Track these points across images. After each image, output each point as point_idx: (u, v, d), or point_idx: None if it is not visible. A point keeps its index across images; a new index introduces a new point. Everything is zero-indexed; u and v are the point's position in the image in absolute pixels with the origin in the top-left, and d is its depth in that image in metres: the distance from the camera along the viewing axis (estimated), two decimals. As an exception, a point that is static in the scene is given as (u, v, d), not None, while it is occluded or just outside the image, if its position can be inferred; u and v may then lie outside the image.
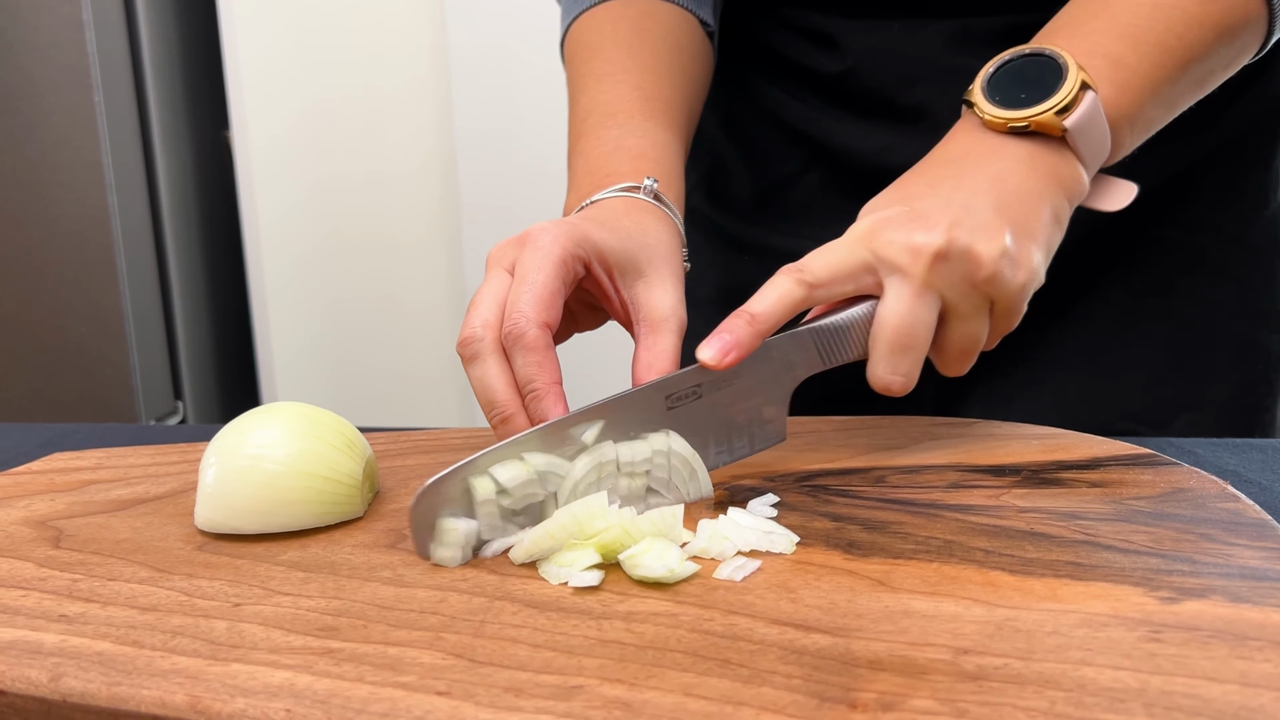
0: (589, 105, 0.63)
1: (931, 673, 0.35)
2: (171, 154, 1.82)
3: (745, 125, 0.76)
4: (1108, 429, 0.69)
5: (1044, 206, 0.51)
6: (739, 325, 0.49)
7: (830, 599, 0.40)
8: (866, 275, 0.50)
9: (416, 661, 0.37)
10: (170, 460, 0.60)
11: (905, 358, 0.49)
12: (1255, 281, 0.70)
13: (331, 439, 0.50)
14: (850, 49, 0.70)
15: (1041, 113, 0.51)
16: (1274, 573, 0.41)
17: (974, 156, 0.52)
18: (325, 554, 0.47)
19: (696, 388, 0.50)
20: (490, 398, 0.49)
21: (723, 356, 0.48)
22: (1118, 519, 0.47)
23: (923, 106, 0.69)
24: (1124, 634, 0.37)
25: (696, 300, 0.81)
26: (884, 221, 0.50)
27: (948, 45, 0.68)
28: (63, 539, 0.49)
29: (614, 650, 0.37)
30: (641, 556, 0.42)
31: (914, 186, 0.52)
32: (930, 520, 0.47)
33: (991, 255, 0.48)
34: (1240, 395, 0.71)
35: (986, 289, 0.49)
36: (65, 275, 1.69)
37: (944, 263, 0.48)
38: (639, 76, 0.63)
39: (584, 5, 0.69)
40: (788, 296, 0.49)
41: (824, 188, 0.74)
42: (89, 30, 1.60)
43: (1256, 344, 0.71)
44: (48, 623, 0.41)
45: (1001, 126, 0.52)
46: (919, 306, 0.49)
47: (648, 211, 0.56)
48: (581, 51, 0.67)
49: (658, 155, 0.60)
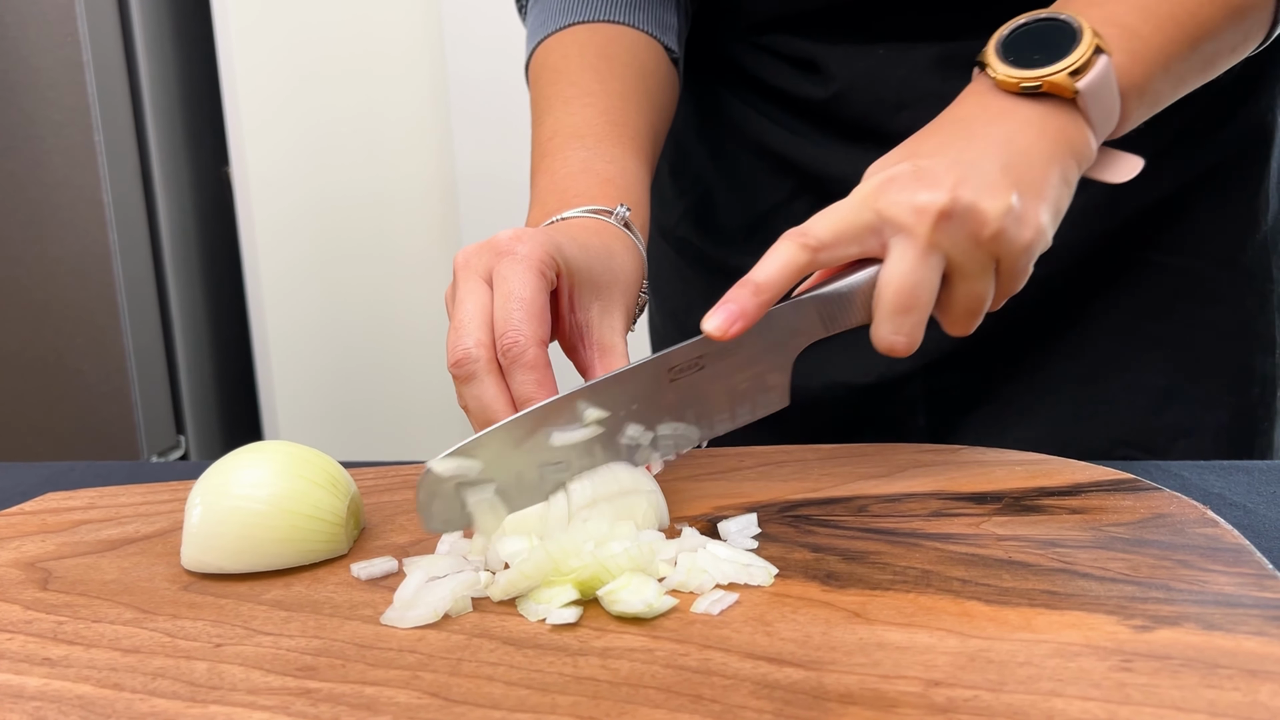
0: (554, 126, 0.63)
1: (901, 705, 0.35)
2: (172, 191, 1.84)
3: (731, 153, 0.77)
4: (1106, 455, 0.68)
5: (1053, 167, 0.51)
6: (743, 295, 0.48)
7: (806, 632, 0.41)
8: (871, 237, 0.49)
9: (392, 701, 0.37)
10: (161, 499, 0.61)
11: (908, 318, 0.49)
12: (1249, 304, 0.70)
13: (315, 477, 0.50)
14: (836, 75, 0.70)
15: (1054, 73, 0.51)
16: (1248, 599, 0.41)
17: (984, 117, 0.53)
18: (308, 592, 0.47)
19: (699, 359, 0.49)
20: (490, 418, 0.48)
21: (728, 327, 0.47)
22: (1096, 546, 0.47)
23: (910, 131, 0.69)
24: (1095, 664, 0.37)
25: (686, 329, 0.81)
26: (888, 181, 0.50)
27: (934, 69, 0.68)
28: (51, 580, 0.50)
29: (588, 687, 0.37)
30: (620, 592, 0.43)
31: (922, 146, 0.52)
32: (909, 550, 0.48)
33: (997, 213, 0.48)
34: (1237, 419, 0.71)
35: (992, 247, 0.49)
36: (68, 313, 1.71)
37: (948, 221, 0.48)
38: (606, 101, 0.63)
39: (550, 29, 0.69)
40: (791, 263, 0.48)
41: (811, 214, 0.74)
42: (89, 71, 1.62)
43: (1252, 368, 0.71)
44: (31, 666, 0.41)
45: (1014, 86, 0.52)
46: (922, 266, 0.48)
47: (617, 238, 0.56)
48: (547, 74, 0.67)
49: (626, 182, 0.60)
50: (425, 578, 0.46)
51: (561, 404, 0.47)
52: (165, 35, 1.83)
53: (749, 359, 0.50)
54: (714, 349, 0.49)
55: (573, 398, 0.47)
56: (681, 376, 0.49)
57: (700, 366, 0.49)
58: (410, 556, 0.50)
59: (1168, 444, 0.70)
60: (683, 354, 0.49)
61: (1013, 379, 0.72)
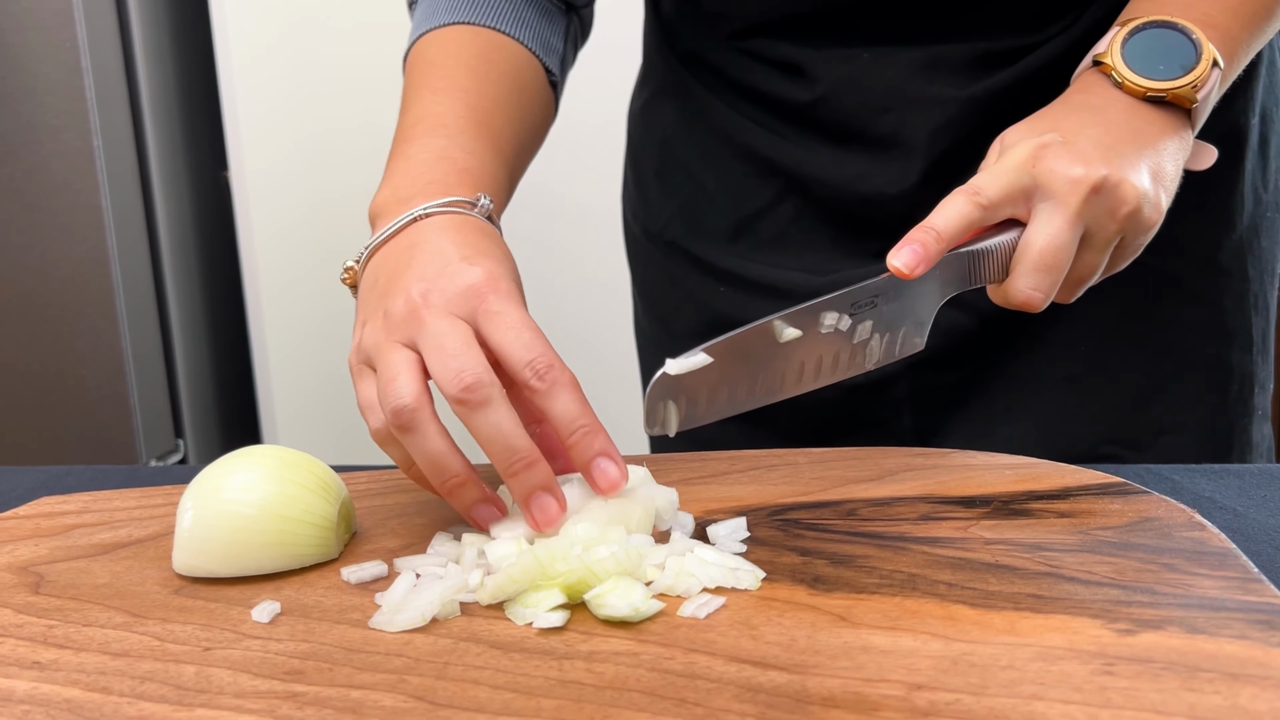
0: (419, 114, 0.63)
1: (884, 709, 0.35)
2: (170, 196, 1.84)
3: (718, 156, 0.77)
4: (1092, 454, 0.69)
5: (1174, 161, 0.56)
6: (928, 239, 0.51)
7: (791, 635, 0.41)
8: (1023, 201, 0.53)
9: (378, 705, 0.37)
10: (155, 503, 0.61)
11: (1048, 276, 0.52)
12: (1226, 303, 0.72)
13: (306, 481, 0.51)
14: (821, 78, 0.71)
15: (1180, 87, 0.56)
16: (1232, 602, 0.41)
17: (1117, 109, 0.56)
18: (298, 596, 0.47)
19: (875, 298, 0.53)
20: (511, 444, 0.47)
21: (915, 264, 0.50)
22: (1082, 550, 0.47)
23: (895, 134, 0.70)
24: (1078, 667, 0.37)
25: (674, 333, 0.81)
26: (1041, 148, 0.53)
27: (918, 73, 0.69)
28: (43, 585, 0.50)
29: (573, 691, 0.38)
30: (606, 596, 0.43)
31: (1065, 121, 0.55)
32: (897, 554, 0.48)
33: (1137, 195, 0.53)
34: (1217, 415, 0.72)
35: (1125, 224, 0.53)
36: (66, 317, 1.71)
37: (1097, 195, 0.52)
38: (475, 98, 0.64)
39: (433, 24, 0.69)
40: (967, 216, 0.52)
41: (798, 217, 0.74)
42: (87, 76, 1.62)
43: (1230, 365, 0.72)
44: (21, 670, 0.42)
45: (1140, 93, 0.56)
46: (1069, 231, 0.52)
47: (494, 236, 0.56)
48: (422, 65, 0.67)
49: (483, 175, 0.60)
50: (413, 581, 0.46)
51: (762, 325, 0.51)
52: (164, 40, 1.84)
53: (909, 303, 0.54)
54: (890, 288, 0.53)
55: (770, 319, 0.51)
56: (859, 312, 0.53)
57: (874, 305, 0.53)
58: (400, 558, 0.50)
59: (1151, 440, 0.71)
60: (866, 291, 0.52)
61: (998, 379, 0.73)
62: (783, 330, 0.52)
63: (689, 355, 0.51)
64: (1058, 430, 0.71)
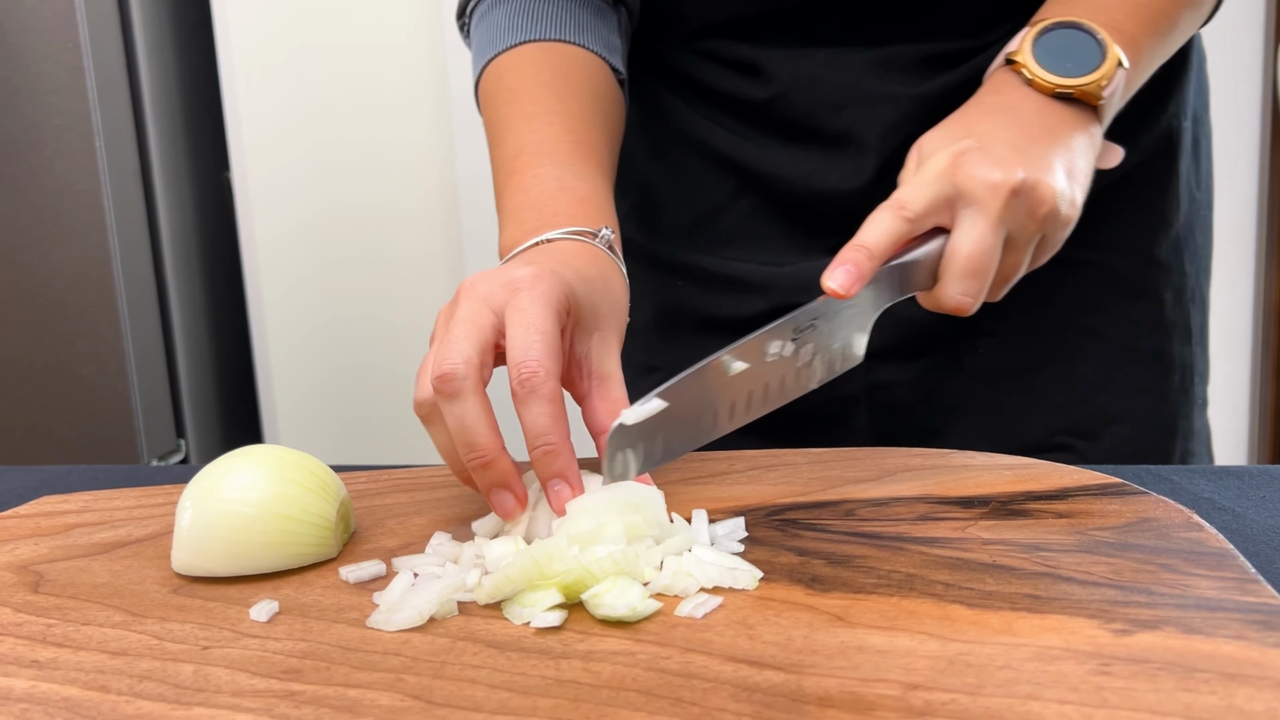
0: (519, 144, 0.64)
1: (880, 709, 0.35)
2: (172, 196, 1.84)
3: (674, 153, 0.78)
4: (1045, 444, 0.72)
5: (1084, 158, 0.58)
6: (859, 258, 0.51)
7: (788, 635, 0.41)
8: (947, 209, 0.54)
9: (375, 704, 0.37)
10: (155, 502, 0.61)
11: (976, 281, 0.54)
12: (1166, 297, 0.75)
13: (305, 481, 0.51)
14: (776, 76, 0.72)
15: (1088, 83, 0.57)
16: (1229, 603, 0.41)
17: (1028, 108, 0.58)
18: (297, 595, 0.47)
19: (815, 320, 0.53)
20: (471, 439, 0.48)
21: (850, 285, 0.51)
22: (1080, 550, 0.47)
23: (849, 131, 0.71)
24: (1074, 667, 0.37)
25: (633, 328, 0.82)
26: (961, 155, 0.54)
27: (871, 71, 0.71)
28: (42, 584, 0.50)
29: (570, 690, 0.38)
30: (604, 596, 0.43)
31: (979, 125, 0.57)
32: (894, 554, 0.48)
33: (1053, 194, 0.54)
34: (1161, 405, 0.75)
35: (1044, 223, 0.55)
36: (68, 316, 1.71)
37: (1016, 198, 0.53)
38: (568, 120, 0.64)
39: (501, 46, 0.69)
40: (895, 230, 0.52)
41: (754, 213, 0.76)
42: (89, 76, 1.62)
43: (1171, 356, 0.75)
44: (20, 668, 0.42)
45: (1049, 89, 0.58)
46: (991, 235, 0.53)
47: (608, 264, 0.57)
48: (503, 93, 0.67)
49: (600, 201, 0.61)
50: (410, 581, 0.46)
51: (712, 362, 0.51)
52: (166, 40, 1.84)
53: (846, 320, 0.54)
54: (828, 309, 0.53)
55: (717, 356, 0.51)
56: (800, 335, 0.53)
57: (815, 326, 0.53)
58: (398, 557, 0.50)
59: (1099, 430, 0.74)
60: (805, 315, 0.53)
61: (951, 374, 0.75)
62: (731, 365, 0.51)
63: (643, 404, 0.50)
64: (1010, 423, 0.74)
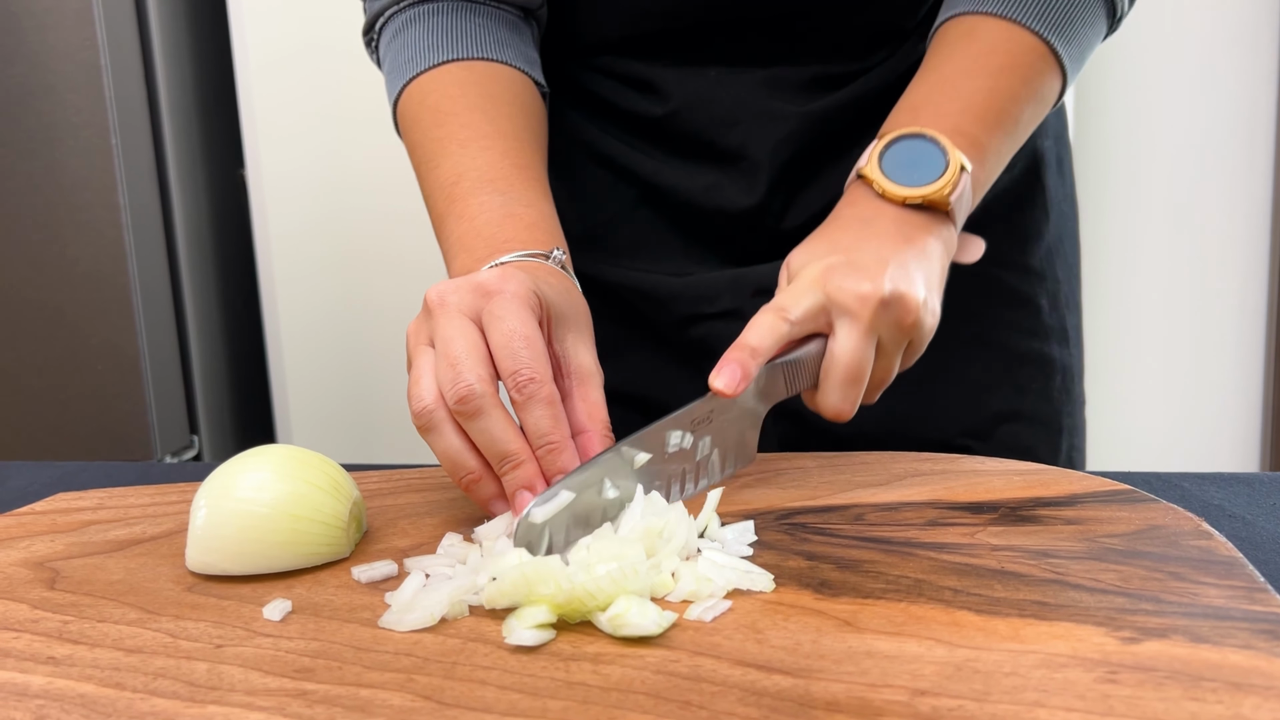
0: (456, 170, 0.64)
1: (887, 714, 0.35)
2: (187, 194, 1.85)
3: (573, 165, 0.78)
4: (945, 446, 0.75)
5: (939, 263, 0.60)
6: (743, 357, 0.53)
7: (796, 639, 0.41)
8: (822, 316, 0.56)
9: (386, 704, 0.38)
10: (170, 500, 0.62)
11: (854, 388, 0.56)
12: (1043, 303, 0.79)
13: (318, 481, 0.51)
14: (671, 94, 0.74)
15: (933, 192, 0.60)
16: (1238, 612, 0.41)
17: (884, 220, 0.60)
18: (310, 595, 0.48)
19: (710, 414, 0.54)
20: (504, 449, 0.50)
21: (737, 384, 0.52)
22: (1089, 557, 0.47)
23: (742, 146, 0.73)
24: (1081, 675, 0.37)
25: None
26: (829, 269, 0.56)
27: (761, 90, 0.73)
28: (58, 580, 0.51)
29: (579, 692, 0.38)
30: (626, 616, 0.42)
31: (842, 239, 0.59)
32: (903, 559, 0.48)
33: (917, 303, 0.57)
34: (1045, 403, 0.79)
35: (910, 331, 0.57)
36: (83, 313, 1.72)
37: (885, 309, 0.56)
38: (504, 143, 0.65)
39: (419, 67, 0.69)
40: (777, 330, 0.55)
41: (653, 224, 0.77)
42: (106, 75, 1.64)
43: (1052, 358, 0.79)
44: (36, 665, 0.42)
45: (899, 200, 0.60)
46: (865, 344, 0.56)
47: (565, 277, 0.59)
48: (429, 115, 0.67)
49: (548, 226, 0.62)
50: (422, 581, 0.46)
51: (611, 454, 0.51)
52: (182, 39, 1.85)
53: (736, 416, 0.56)
54: (718, 405, 0.54)
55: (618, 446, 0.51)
56: (698, 428, 0.54)
57: (710, 421, 0.55)
58: (410, 557, 0.50)
59: (993, 429, 0.78)
60: (701, 408, 0.54)
61: None
62: (634, 455, 0.52)
63: (551, 497, 0.49)
64: (912, 428, 0.76)
